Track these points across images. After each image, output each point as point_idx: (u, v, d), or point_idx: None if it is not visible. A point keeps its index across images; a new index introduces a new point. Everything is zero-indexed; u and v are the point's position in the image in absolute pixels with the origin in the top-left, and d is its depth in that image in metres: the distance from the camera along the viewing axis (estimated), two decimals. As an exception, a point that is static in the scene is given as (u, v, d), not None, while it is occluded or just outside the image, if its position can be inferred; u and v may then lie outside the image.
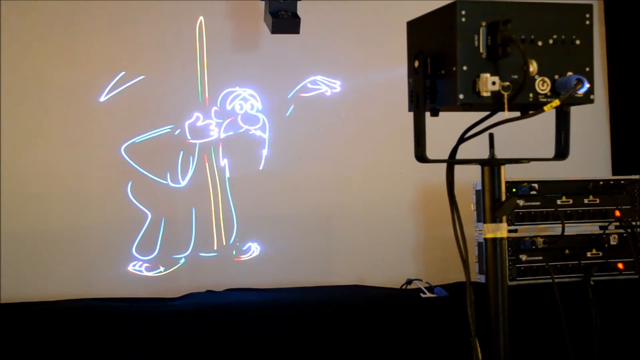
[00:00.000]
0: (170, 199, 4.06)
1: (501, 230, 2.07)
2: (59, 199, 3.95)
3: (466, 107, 1.96)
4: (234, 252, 4.10)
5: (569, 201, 3.67)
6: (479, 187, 3.52)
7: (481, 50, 1.92)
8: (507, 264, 3.50)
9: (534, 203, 3.63)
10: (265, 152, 4.17)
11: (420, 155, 2.04)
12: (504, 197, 2.08)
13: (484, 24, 1.92)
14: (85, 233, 3.96)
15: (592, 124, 4.61)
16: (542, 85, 1.96)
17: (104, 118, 4.01)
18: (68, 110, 3.99)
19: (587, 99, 1.99)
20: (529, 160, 2.16)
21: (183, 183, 4.06)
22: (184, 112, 4.08)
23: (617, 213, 3.68)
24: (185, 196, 4.07)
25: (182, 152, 4.06)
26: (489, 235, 2.08)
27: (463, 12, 1.91)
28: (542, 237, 3.57)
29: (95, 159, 3.98)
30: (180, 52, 4.11)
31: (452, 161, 2.09)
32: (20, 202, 3.89)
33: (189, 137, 4.07)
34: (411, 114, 2.07)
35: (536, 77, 1.95)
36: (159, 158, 4.05)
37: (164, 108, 4.10)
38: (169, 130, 4.06)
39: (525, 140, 3.67)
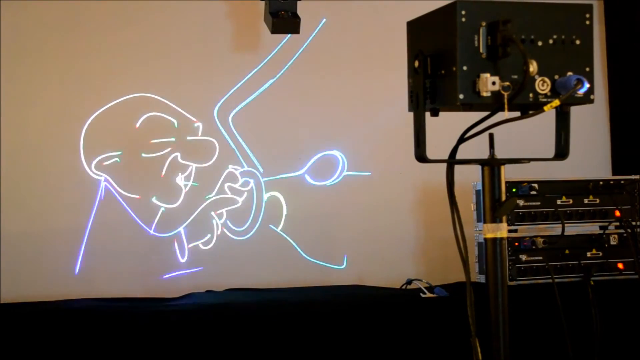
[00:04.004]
0: (172, 197, 4.06)
1: (501, 230, 2.07)
2: (59, 199, 3.94)
3: (466, 107, 1.96)
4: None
5: (569, 201, 3.68)
6: (479, 187, 3.53)
7: (481, 50, 1.92)
8: (507, 264, 3.52)
9: (534, 203, 3.63)
10: (265, 151, 4.19)
11: (420, 155, 2.04)
12: (504, 197, 2.08)
13: (484, 24, 1.92)
14: (82, 232, 3.95)
15: (592, 124, 4.61)
16: (542, 85, 1.96)
17: (104, 118, 4.00)
18: (68, 110, 3.98)
19: (587, 99, 1.99)
20: (529, 160, 2.16)
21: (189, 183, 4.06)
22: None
23: (617, 213, 3.68)
24: (188, 195, 4.07)
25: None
26: (489, 235, 2.08)
27: (463, 12, 1.91)
28: (542, 237, 3.57)
29: (96, 157, 3.97)
30: (181, 52, 4.12)
31: (452, 161, 2.09)
32: (21, 201, 3.89)
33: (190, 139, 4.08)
34: (411, 114, 2.07)
35: (536, 77, 1.95)
36: (161, 158, 4.05)
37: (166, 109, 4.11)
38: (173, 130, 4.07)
39: (525, 140, 3.67)
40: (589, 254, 3.66)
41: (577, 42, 2.00)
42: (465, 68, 1.91)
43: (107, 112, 3.99)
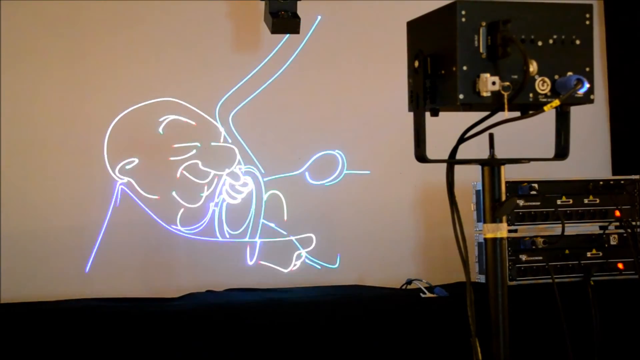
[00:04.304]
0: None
1: (501, 230, 2.07)
2: (59, 198, 3.94)
3: (466, 107, 1.96)
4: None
5: (569, 201, 3.68)
6: (479, 187, 3.53)
7: (481, 50, 1.92)
8: (507, 264, 3.52)
9: (534, 203, 3.63)
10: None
11: (420, 155, 2.04)
12: (504, 197, 2.08)
13: (484, 24, 1.92)
14: (85, 233, 3.95)
15: (592, 124, 4.61)
16: (542, 85, 1.96)
17: (104, 117, 4.00)
18: (68, 110, 3.98)
19: (587, 99, 1.99)
20: (529, 160, 2.16)
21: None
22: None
23: (617, 213, 3.68)
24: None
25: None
26: (489, 235, 2.08)
27: (463, 12, 1.91)
28: (542, 237, 3.57)
29: (96, 158, 3.97)
30: (180, 52, 4.12)
31: (452, 161, 2.09)
32: (21, 201, 3.88)
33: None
34: (411, 114, 2.07)
35: (536, 77, 1.95)
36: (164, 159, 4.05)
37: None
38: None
39: (525, 140, 3.67)
40: (589, 254, 3.66)
41: (577, 42, 2.00)
42: (465, 68, 1.91)
43: (110, 112, 4.00)
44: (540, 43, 1.97)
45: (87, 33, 4.01)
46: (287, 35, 4.05)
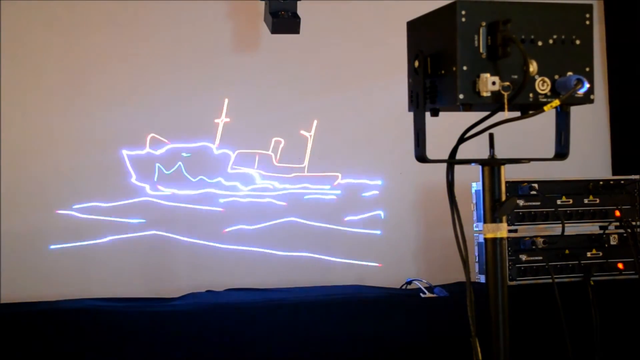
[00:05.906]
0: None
1: (501, 230, 2.08)
2: (59, 197, 3.94)
3: (466, 107, 1.96)
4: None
5: (569, 201, 3.67)
6: (479, 187, 3.53)
7: (481, 50, 1.92)
8: (507, 264, 3.52)
9: (534, 203, 3.63)
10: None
11: (420, 155, 2.05)
12: (504, 197, 2.08)
13: (484, 24, 1.92)
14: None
15: (592, 124, 4.61)
16: (542, 85, 1.96)
17: (104, 117, 4.00)
18: (68, 109, 3.98)
19: (587, 99, 1.99)
20: (529, 160, 2.17)
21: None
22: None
23: (617, 213, 3.68)
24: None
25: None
26: (489, 235, 2.08)
27: (463, 12, 1.91)
28: (542, 237, 3.57)
29: (96, 157, 3.97)
30: (179, 52, 4.12)
31: (452, 161, 2.09)
32: (21, 201, 3.88)
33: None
34: (411, 114, 2.07)
35: (536, 77, 1.95)
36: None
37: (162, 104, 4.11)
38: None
39: (525, 140, 3.67)
40: (589, 254, 3.66)
41: (577, 42, 2.00)
42: (465, 68, 1.91)
43: (110, 112, 4.01)
44: (540, 43, 1.97)
45: (87, 33, 4.01)
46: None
